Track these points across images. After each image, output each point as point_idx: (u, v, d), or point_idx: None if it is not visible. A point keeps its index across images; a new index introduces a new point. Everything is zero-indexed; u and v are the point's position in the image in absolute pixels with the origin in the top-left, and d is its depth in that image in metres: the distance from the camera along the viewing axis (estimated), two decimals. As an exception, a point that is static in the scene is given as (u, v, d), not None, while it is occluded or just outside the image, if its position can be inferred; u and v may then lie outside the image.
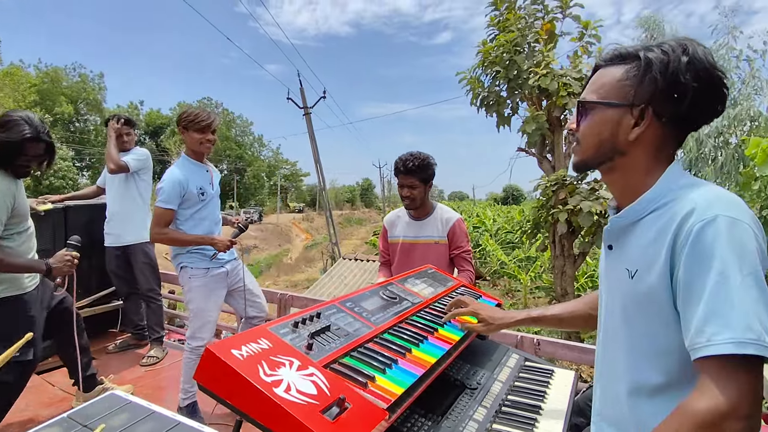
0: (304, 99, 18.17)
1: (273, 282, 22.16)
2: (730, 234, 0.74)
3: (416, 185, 2.44)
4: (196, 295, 2.58)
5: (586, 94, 0.94)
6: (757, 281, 0.72)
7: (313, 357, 0.93)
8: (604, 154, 0.91)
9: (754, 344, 0.69)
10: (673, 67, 0.82)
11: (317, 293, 10.81)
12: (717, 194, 0.80)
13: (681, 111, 0.84)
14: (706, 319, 0.73)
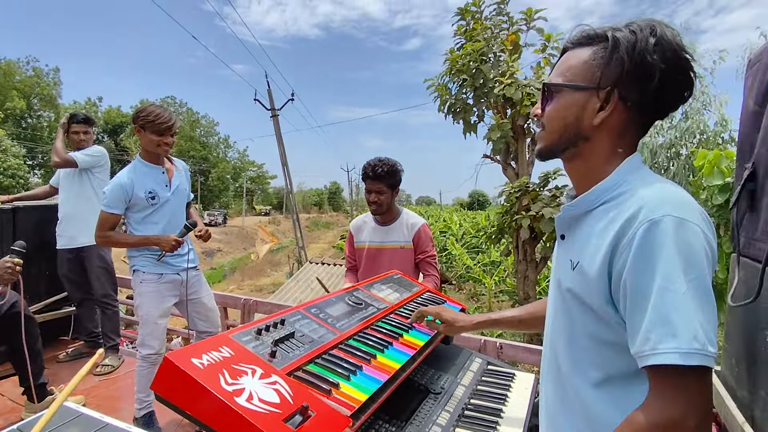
0: (272, 101, 17.93)
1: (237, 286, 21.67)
2: (677, 236, 0.71)
3: (384, 191, 2.45)
4: (146, 300, 2.49)
5: (552, 77, 0.89)
6: (702, 287, 0.70)
7: (277, 365, 0.92)
8: (569, 139, 0.86)
9: (699, 354, 0.67)
10: (640, 48, 0.78)
11: (283, 298, 10.65)
12: (668, 192, 0.77)
13: (647, 94, 0.80)
14: (651, 327, 0.70)
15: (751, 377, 1.56)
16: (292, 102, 18.59)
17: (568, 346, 0.88)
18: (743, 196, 1.64)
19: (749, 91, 1.64)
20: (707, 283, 0.71)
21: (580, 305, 0.84)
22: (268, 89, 17.81)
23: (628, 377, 0.79)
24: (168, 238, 2.46)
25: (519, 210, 6.34)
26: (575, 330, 0.86)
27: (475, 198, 64.85)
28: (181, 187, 2.67)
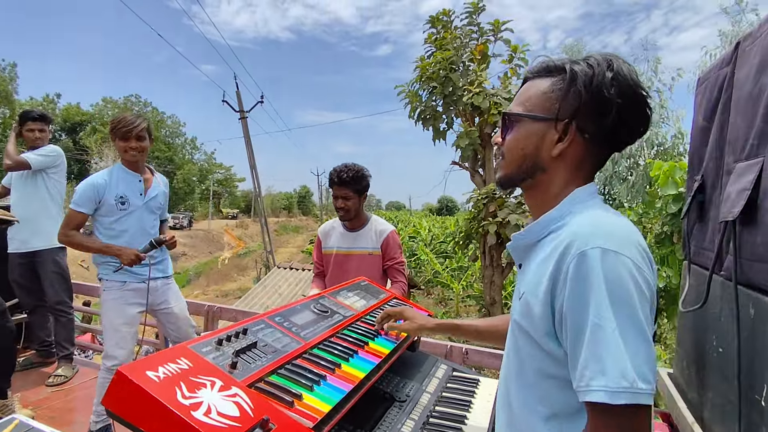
0: (241, 103, 17.65)
1: (202, 291, 21.11)
2: (605, 269, 0.69)
3: (350, 196, 2.45)
4: (108, 308, 2.43)
5: (512, 106, 0.90)
6: (632, 322, 0.68)
7: (237, 376, 0.90)
8: (527, 170, 0.87)
9: (626, 392, 0.66)
10: (597, 81, 0.79)
11: (249, 303, 10.43)
12: (601, 222, 0.76)
13: (604, 127, 0.81)
14: (585, 363, 0.70)
15: (700, 379, 1.64)
16: (261, 104, 18.38)
17: (518, 382, 0.87)
18: (693, 206, 1.72)
19: (698, 108, 1.74)
20: (639, 316, 0.69)
21: (526, 338, 0.83)
22: (237, 91, 17.54)
23: (574, 413, 0.78)
24: (129, 252, 2.38)
25: (486, 216, 6.46)
26: (523, 365, 0.85)
27: (444, 204, 65.67)
28: (157, 200, 2.62)
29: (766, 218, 1.14)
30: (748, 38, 1.39)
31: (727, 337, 1.35)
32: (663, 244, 3.90)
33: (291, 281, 11.94)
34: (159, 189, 2.65)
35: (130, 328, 2.47)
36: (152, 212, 2.60)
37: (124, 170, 2.51)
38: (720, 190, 1.49)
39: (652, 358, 0.69)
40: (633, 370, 0.66)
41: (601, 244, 0.70)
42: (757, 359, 1.16)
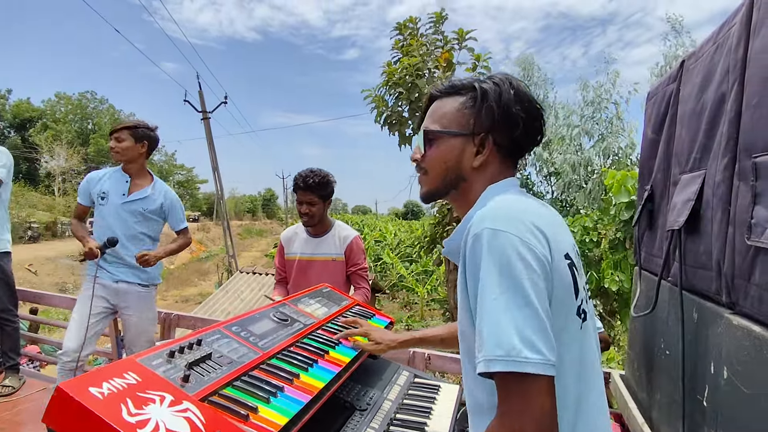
0: (203, 102, 17.20)
1: (161, 297, 20.34)
2: (490, 247, 0.73)
3: (315, 202, 2.43)
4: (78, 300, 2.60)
5: (428, 124, 0.95)
6: (516, 294, 0.70)
7: (189, 390, 0.86)
8: (451, 182, 0.93)
9: (501, 360, 0.67)
10: (505, 98, 0.88)
11: (210, 309, 10.14)
12: (494, 207, 0.81)
13: (513, 138, 0.90)
14: (476, 339, 0.73)
15: (649, 381, 1.71)
16: (225, 105, 17.97)
17: (466, 377, 0.91)
18: (643, 215, 1.80)
19: (648, 121, 1.82)
20: (524, 287, 0.71)
21: (462, 337, 0.88)
22: (200, 90, 17.09)
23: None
24: (89, 241, 2.53)
25: (450, 221, 6.55)
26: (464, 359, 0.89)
27: (410, 208, 66.13)
28: (142, 204, 2.68)
29: (707, 228, 1.21)
30: (691, 57, 1.47)
31: (674, 341, 1.41)
32: (616, 249, 4.07)
33: (254, 286, 11.69)
34: (150, 196, 2.71)
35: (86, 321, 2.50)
36: (134, 215, 2.67)
37: (118, 170, 2.71)
38: (667, 199, 1.56)
39: (541, 328, 0.69)
40: (515, 338, 0.67)
41: (488, 225, 0.76)
42: (699, 362, 1.23)
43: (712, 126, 1.21)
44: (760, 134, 0.91)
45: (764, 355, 0.89)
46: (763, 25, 0.97)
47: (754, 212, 0.90)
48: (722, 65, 1.19)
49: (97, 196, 2.64)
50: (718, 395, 1.10)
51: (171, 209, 2.79)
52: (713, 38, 1.31)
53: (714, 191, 1.15)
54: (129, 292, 2.65)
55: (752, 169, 0.92)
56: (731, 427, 1.04)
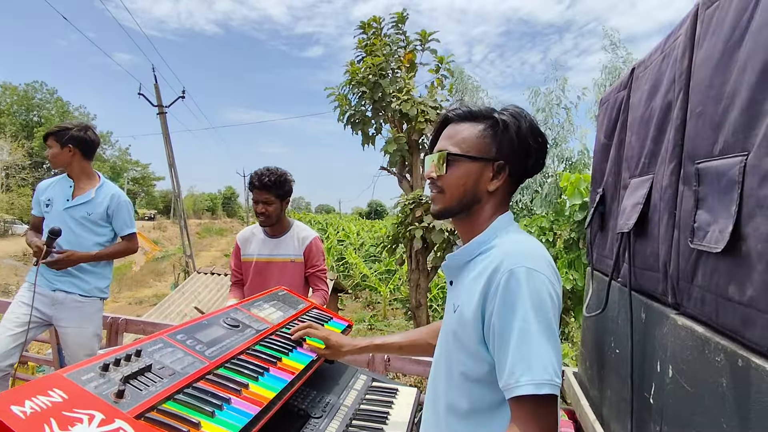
0: (159, 96, 16.54)
1: (113, 299, 19.40)
2: (529, 285, 0.84)
3: (271, 201, 2.36)
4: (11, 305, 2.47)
5: (448, 146, 1.01)
6: (548, 327, 0.84)
7: (124, 407, 0.80)
8: (467, 204, 1.00)
9: (548, 384, 0.79)
10: (523, 132, 0.97)
11: (165, 312, 9.74)
12: (524, 246, 0.92)
13: (526, 167, 1.00)
14: (514, 363, 0.82)
15: (600, 379, 1.76)
16: (182, 99, 17.35)
17: (446, 384, 0.98)
18: (595, 217, 1.85)
19: (600, 126, 1.88)
20: (552, 323, 0.85)
21: (458, 345, 0.95)
22: (155, 83, 16.42)
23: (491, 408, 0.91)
24: (35, 240, 2.42)
25: (413, 221, 6.57)
26: (452, 369, 0.97)
27: (374, 208, 66.21)
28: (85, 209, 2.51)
29: (654, 231, 1.24)
30: (641, 65, 1.52)
31: (623, 340, 1.45)
32: (571, 249, 4.20)
33: (212, 287, 11.32)
34: (94, 199, 2.54)
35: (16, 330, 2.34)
36: (79, 221, 2.51)
37: (65, 176, 2.59)
38: (618, 202, 1.61)
39: (560, 357, 0.84)
40: (551, 367, 0.81)
41: (525, 263, 0.86)
42: (647, 360, 1.26)
43: (660, 132, 1.25)
44: (703, 142, 0.94)
45: (706, 354, 0.92)
46: (706, 38, 1.01)
47: (697, 216, 0.93)
48: (669, 74, 1.23)
49: (44, 203, 2.54)
50: (664, 393, 1.14)
51: (116, 211, 2.61)
52: (661, 48, 1.35)
53: (661, 195, 1.19)
54: (65, 303, 2.46)
55: (695, 175, 0.95)
56: (675, 423, 1.07)
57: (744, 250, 0.77)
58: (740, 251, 0.78)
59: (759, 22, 0.76)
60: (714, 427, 0.88)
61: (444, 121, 1.06)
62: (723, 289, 0.86)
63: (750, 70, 0.77)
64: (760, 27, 0.76)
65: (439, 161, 1.00)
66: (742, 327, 0.80)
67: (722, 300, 0.86)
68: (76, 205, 2.49)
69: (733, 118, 0.81)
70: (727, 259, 0.83)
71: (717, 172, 0.85)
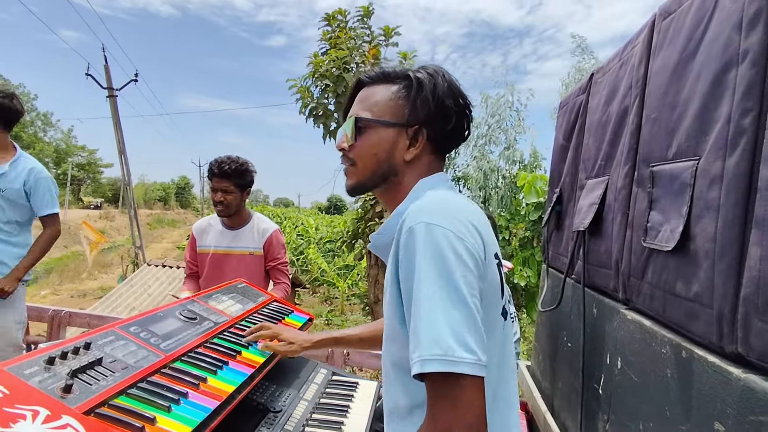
0: (109, 79, 15.66)
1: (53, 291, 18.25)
2: (426, 241, 0.70)
3: (231, 190, 2.29)
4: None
5: (358, 111, 0.89)
6: (450, 289, 0.67)
7: (71, 402, 0.75)
8: (381, 176, 0.88)
9: (438, 360, 0.64)
10: (440, 90, 0.85)
11: (111, 305, 9.27)
12: (429, 201, 0.78)
13: (445, 132, 0.87)
14: (411, 338, 0.69)
15: (552, 372, 1.83)
16: (135, 83, 16.51)
17: (385, 379, 0.87)
18: (552, 216, 1.92)
19: (559, 129, 1.94)
20: (458, 284, 0.68)
21: (386, 332, 0.83)
22: (105, 65, 15.53)
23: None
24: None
25: (373, 217, 6.58)
26: (386, 360, 0.85)
27: (334, 202, 65.80)
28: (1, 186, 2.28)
29: (608, 230, 1.31)
30: (599, 71, 1.59)
31: (575, 334, 1.52)
32: (525, 247, 4.35)
33: (163, 280, 10.88)
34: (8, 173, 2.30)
35: None
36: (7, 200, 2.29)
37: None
38: (574, 202, 1.67)
39: (475, 327, 0.67)
40: (451, 338, 0.64)
41: (424, 218, 0.72)
42: (597, 353, 1.33)
43: (616, 136, 1.31)
44: (657, 146, 1.00)
45: (653, 347, 0.98)
46: (662, 47, 1.06)
47: (650, 217, 0.98)
48: (626, 81, 1.29)
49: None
50: (612, 383, 1.20)
51: (34, 188, 2.36)
52: (619, 55, 1.41)
53: (615, 196, 1.24)
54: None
55: (650, 178, 1.00)
56: (622, 412, 1.13)
57: (692, 249, 0.82)
58: (689, 250, 0.83)
59: (712, 34, 0.81)
60: (658, 415, 0.94)
61: (357, 85, 0.93)
62: (671, 286, 0.91)
63: (703, 79, 0.82)
64: (713, 39, 0.80)
65: (350, 129, 0.88)
66: (687, 321, 0.85)
67: (670, 296, 0.92)
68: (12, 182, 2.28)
69: (686, 124, 0.86)
70: (676, 257, 0.88)
71: (670, 175, 0.90)
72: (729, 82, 0.75)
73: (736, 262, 0.71)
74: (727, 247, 0.72)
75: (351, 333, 1.36)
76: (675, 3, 1.00)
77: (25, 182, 2.34)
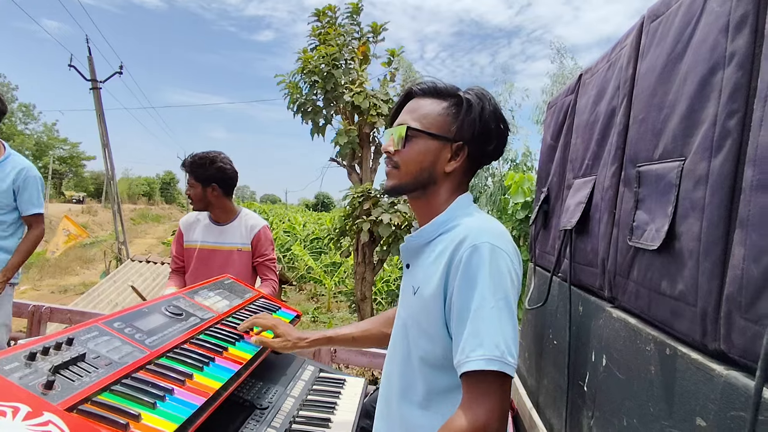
0: (93, 70, 15.35)
1: (33, 287, 17.87)
2: (491, 261, 0.82)
3: (192, 184, 2.29)
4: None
5: (409, 121, 0.96)
6: (506, 305, 0.82)
7: (53, 398, 0.74)
8: (422, 182, 0.96)
9: (498, 361, 0.77)
10: (486, 113, 0.94)
11: (93, 301, 9.12)
12: (488, 224, 0.90)
13: (485, 151, 0.97)
14: (467, 339, 0.80)
15: (538, 368, 1.85)
16: (120, 75, 16.21)
17: (402, 368, 0.96)
18: (539, 215, 1.94)
19: (547, 129, 1.96)
20: (511, 301, 0.83)
21: (417, 329, 0.93)
22: (89, 56, 15.21)
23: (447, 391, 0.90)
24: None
25: (360, 214, 6.57)
26: (410, 353, 0.94)
27: (321, 199, 65.55)
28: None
29: (595, 229, 1.32)
30: (588, 71, 1.60)
31: (561, 331, 1.53)
32: (513, 246, 4.39)
33: (147, 276, 10.73)
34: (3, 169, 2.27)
35: None
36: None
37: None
38: (562, 201, 1.69)
39: (517, 338, 0.82)
40: (504, 344, 0.79)
41: (489, 239, 0.85)
42: (582, 351, 1.34)
43: (603, 136, 1.32)
44: (644, 146, 1.01)
45: (637, 344, 0.99)
46: (650, 49, 1.07)
47: (636, 216, 0.99)
48: (614, 82, 1.30)
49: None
50: (597, 380, 1.22)
51: (23, 186, 2.34)
52: (607, 56, 1.43)
53: (602, 195, 1.26)
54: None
55: (636, 177, 1.01)
56: (607, 409, 1.15)
57: (677, 248, 0.83)
58: (674, 249, 0.84)
59: (699, 37, 0.82)
60: (642, 411, 0.96)
61: (407, 94, 1.02)
62: (656, 284, 0.92)
63: (690, 81, 0.83)
64: (701, 42, 0.82)
65: (398, 136, 0.96)
66: (672, 319, 0.86)
67: (655, 294, 0.93)
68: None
69: (673, 125, 0.88)
70: (661, 256, 0.89)
71: (656, 175, 0.92)
72: (715, 84, 0.76)
73: (719, 261, 0.72)
74: (711, 246, 0.74)
75: (343, 332, 1.39)
76: (663, 5, 1.02)
77: (14, 181, 2.32)
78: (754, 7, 0.69)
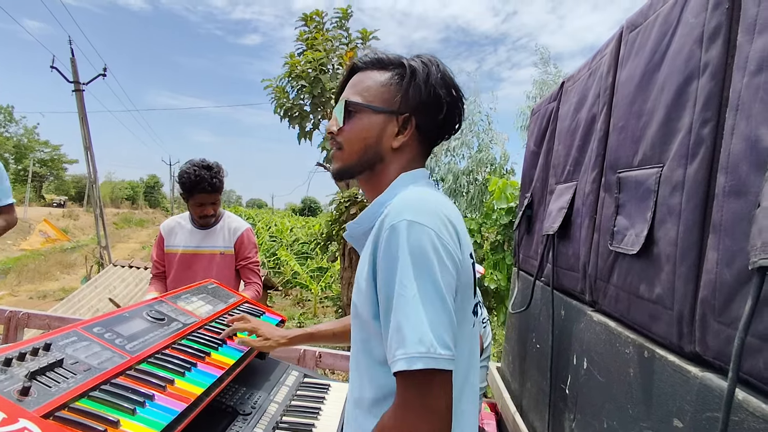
0: (76, 72, 15.11)
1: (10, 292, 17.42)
2: (409, 240, 0.71)
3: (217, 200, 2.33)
4: None
5: (350, 95, 0.88)
6: (431, 289, 0.70)
7: (29, 405, 0.72)
8: (368, 161, 0.88)
9: (424, 357, 0.66)
10: (433, 79, 0.85)
11: (73, 307, 8.91)
12: (412, 198, 0.77)
13: (436, 122, 0.87)
14: (392, 336, 0.70)
15: (521, 372, 1.87)
16: (103, 77, 15.98)
17: (355, 372, 0.86)
18: (523, 220, 1.96)
19: (531, 135, 1.99)
20: (439, 284, 0.70)
21: (358, 323, 0.84)
22: (72, 57, 14.98)
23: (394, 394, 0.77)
24: None
25: (347, 219, 6.56)
26: (358, 352, 0.85)
27: (308, 204, 65.24)
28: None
29: (576, 234, 1.34)
30: (570, 79, 1.63)
31: (544, 335, 1.55)
32: (496, 251, 4.41)
33: (129, 281, 10.54)
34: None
35: None
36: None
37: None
38: (545, 207, 1.71)
39: (451, 325, 0.71)
40: (432, 335, 0.67)
41: (407, 216, 0.73)
42: (564, 354, 1.36)
43: (584, 143, 1.35)
44: (624, 153, 1.03)
45: (617, 347, 1.01)
46: (628, 58, 1.10)
47: (616, 221, 1.01)
48: (594, 89, 1.33)
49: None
50: (578, 383, 1.23)
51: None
52: (588, 65, 1.46)
53: (583, 201, 1.28)
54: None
55: (616, 183, 1.03)
56: (588, 411, 1.16)
57: (655, 252, 0.85)
58: (652, 254, 0.86)
59: (676, 47, 0.85)
60: (621, 413, 0.97)
61: (351, 69, 0.93)
62: (635, 288, 0.94)
63: (667, 90, 0.86)
64: (677, 52, 0.84)
65: (339, 113, 0.88)
66: (650, 322, 0.88)
67: (634, 298, 0.95)
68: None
69: (651, 132, 0.90)
70: (640, 261, 0.91)
71: (636, 181, 0.94)
72: (690, 93, 0.78)
73: (695, 265, 0.74)
74: (687, 251, 0.76)
75: (324, 328, 1.37)
76: (641, 16, 1.05)
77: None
78: (727, 19, 0.71)
